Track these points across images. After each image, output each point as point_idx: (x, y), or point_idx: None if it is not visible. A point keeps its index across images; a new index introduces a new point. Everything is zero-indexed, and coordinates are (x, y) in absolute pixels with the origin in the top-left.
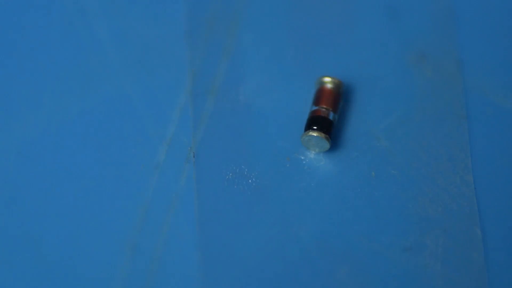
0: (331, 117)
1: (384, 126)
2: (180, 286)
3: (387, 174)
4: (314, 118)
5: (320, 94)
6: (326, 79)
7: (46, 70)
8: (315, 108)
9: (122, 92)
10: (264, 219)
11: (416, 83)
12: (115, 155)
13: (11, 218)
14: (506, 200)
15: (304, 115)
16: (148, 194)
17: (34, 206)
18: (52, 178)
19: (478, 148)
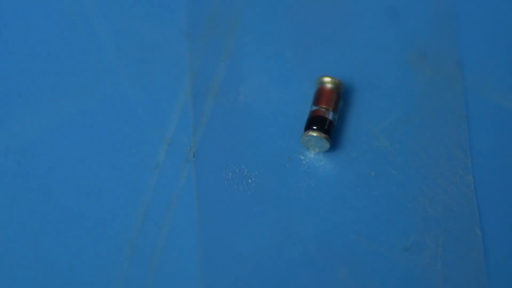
0: (331, 117)
1: (384, 126)
2: (180, 286)
3: (387, 174)
4: (314, 118)
5: (320, 94)
6: (326, 79)
7: (46, 70)
8: (315, 108)
9: (122, 92)
10: (264, 219)
11: (416, 83)
12: (115, 155)
13: (11, 218)
14: (506, 200)
15: (304, 115)
16: (148, 194)
17: (34, 206)
18: (52, 178)
19: (478, 148)
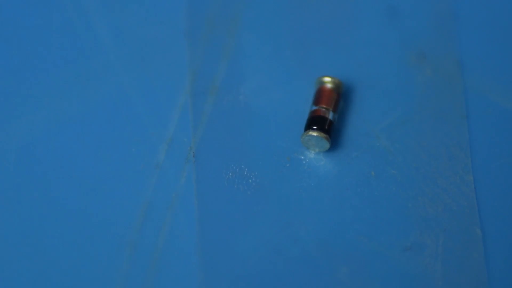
0: (331, 117)
1: (384, 126)
2: (180, 286)
3: (387, 174)
4: (314, 118)
5: (320, 94)
6: (326, 79)
7: (46, 70)
8: (315, 108)
9: (122, 92)
10: (264, 219)
11: (416, 83)
12: (115, 154)
13: (11, 218)
14: (506, 200)
15: (304, 115)
16: (148, 194)
17: (34, 206)
18: (52, 178)
19: (478, 148)
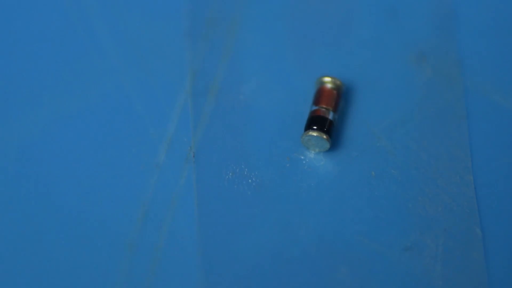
0: (331, 117)
1: (384, 126)
2: (180, 286)
3: (387, 174)
4: (314, 118)
5: (320, 94)
6: (326, 79)
7: (46, 70)
8: (315, 108)
9: (122, 92)
10: (264, 219)
11: (416, 83)
12: (115, 154)
13: (11, 218)
14: (506, 200)
15: (304, 115)
16: (148, 194)
17: (34, 206)
18: (52, 178)
19: (478, 148)
